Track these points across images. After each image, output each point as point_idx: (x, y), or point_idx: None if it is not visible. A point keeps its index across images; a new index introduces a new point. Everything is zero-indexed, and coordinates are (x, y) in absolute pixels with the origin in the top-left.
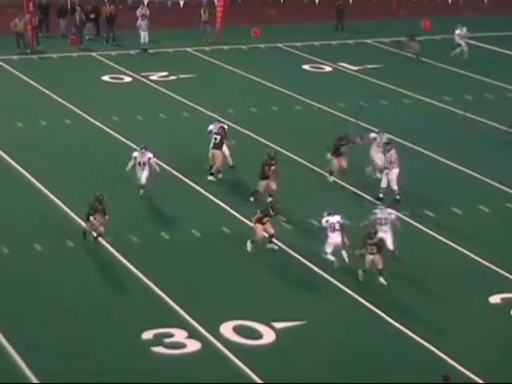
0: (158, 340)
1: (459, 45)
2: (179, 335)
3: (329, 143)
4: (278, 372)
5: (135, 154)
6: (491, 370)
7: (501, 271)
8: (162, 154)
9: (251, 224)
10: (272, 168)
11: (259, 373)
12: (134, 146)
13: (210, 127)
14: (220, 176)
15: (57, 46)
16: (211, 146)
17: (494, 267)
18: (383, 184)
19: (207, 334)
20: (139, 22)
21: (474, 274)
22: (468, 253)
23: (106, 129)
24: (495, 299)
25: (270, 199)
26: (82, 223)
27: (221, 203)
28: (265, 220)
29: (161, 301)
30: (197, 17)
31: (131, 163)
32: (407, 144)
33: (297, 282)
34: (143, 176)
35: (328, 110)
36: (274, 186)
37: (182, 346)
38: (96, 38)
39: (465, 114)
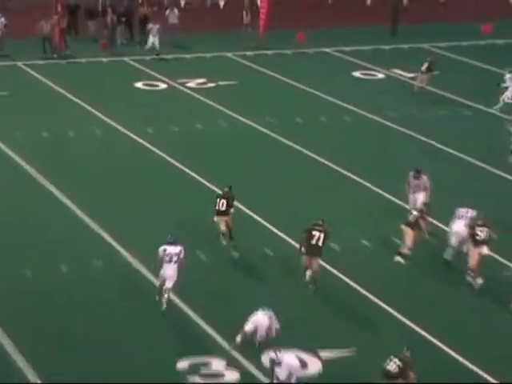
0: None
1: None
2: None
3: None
4: None
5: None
6: None
7: None
8: (195, 167)
9: None
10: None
11: None
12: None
13: None
14: None
15: (86, 51)
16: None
17: None
18: None
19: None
20: (150, 25)
21: None
22: None
23: (140, 140)
24: None
25: None
26: None
27: None
28: None
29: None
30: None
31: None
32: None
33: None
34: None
35: (377, 119)
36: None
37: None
38: (129, 43)
39: None
